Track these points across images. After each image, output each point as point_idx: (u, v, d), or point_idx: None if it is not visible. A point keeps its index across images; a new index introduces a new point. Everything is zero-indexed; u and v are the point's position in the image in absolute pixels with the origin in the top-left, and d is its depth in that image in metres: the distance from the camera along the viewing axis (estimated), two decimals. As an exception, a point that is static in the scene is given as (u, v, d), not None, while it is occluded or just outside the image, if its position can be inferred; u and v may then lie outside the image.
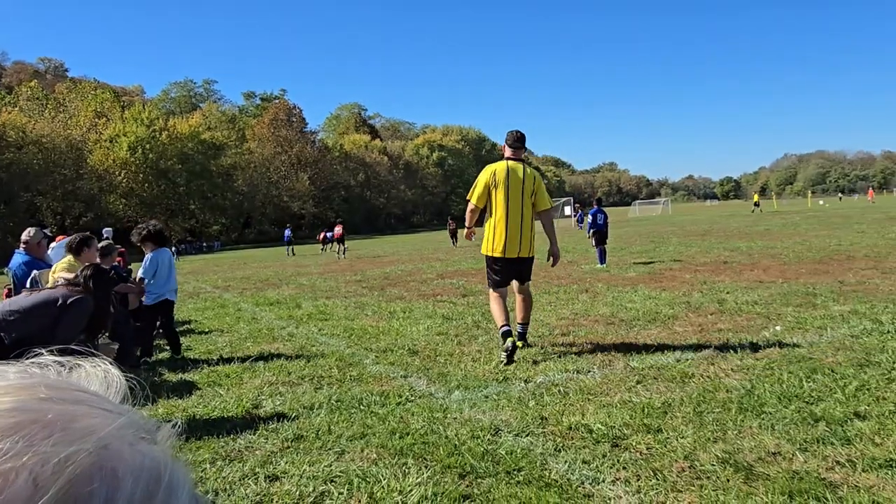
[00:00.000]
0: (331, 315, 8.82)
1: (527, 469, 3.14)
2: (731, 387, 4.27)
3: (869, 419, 3.54)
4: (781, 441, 3.31)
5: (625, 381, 4.59)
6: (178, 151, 66.10)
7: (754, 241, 17.84)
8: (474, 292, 10.38)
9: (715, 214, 52.26)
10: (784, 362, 4.82)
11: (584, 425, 3.68)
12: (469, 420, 3.92)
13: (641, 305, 7.90)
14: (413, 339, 6.61)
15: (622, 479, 2.98)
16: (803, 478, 2.87)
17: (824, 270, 10.42)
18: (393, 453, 3.46)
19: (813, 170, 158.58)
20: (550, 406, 4.09)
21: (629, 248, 18.48)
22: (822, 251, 13.90)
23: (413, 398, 4.48)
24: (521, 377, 4.86)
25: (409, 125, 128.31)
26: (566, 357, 5.42)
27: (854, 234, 18.69)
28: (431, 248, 28.40)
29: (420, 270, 15.70)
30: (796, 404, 3.84)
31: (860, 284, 8.62)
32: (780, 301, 7.63)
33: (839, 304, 7.22)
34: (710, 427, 3.56)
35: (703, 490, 2.82)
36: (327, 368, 5.53)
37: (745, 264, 12.09)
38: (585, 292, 9.53)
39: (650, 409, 3.90)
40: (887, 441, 3.22)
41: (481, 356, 5.65)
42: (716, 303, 7.78)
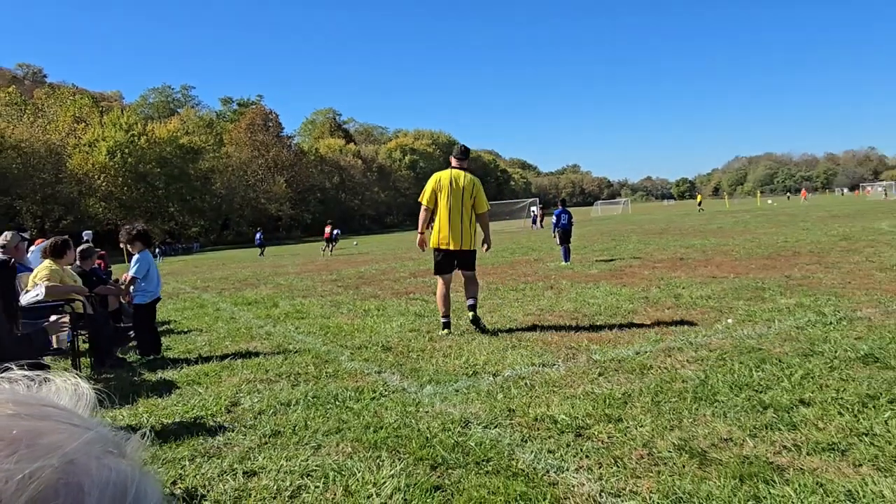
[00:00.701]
0: (307, 313, 8.74)
1: (495, 459, 3.15)
2: (687, 377, 4.34)
3: (813, 405, 3.63)
4: (733, 428, 3.37)
5: (588, 373, 4.63)
6: (157, 155, 64.85)
7: (708, 239, 18.17)
8: (445, 290, 10.37)
9: (671, 214, 53.09)
10: (735, 353, 4.91)
11: (550, 416, 3.71)
12: (440, 413, 3.92)
13: (603, 301, 7.99)
14: (387, 336, 6.58)
15: (585, 466, 3.01)
16: (753, 462, 2.92)
17: (772, 266, 10.66)
18: (367, 447, 3.44)
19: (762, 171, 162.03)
20: (517, 398, 4.11)
21: (592, 247, 18.68)
22: (770, 247, 14.22)
23: (387, 393, 4.46)
24: (490, 371, 4.88)
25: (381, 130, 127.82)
26: (532, 351, 5.45)
27: (799, 231, 19.15)
28: (404, 247, 28.33)
29: (393, 269, 15.66)
30: (746, 393, 3.92)
31: (805, 279, 8.84)
32: (732, 295, 7.78)
33: (786, 297, 7.39)
34: (667, 416, 3.61)
35: (661, 476, 2.86)
36: (304, 366, 5.48)
37: (700, 261, 12.31)
38: (551, 289, 9.60)
39: (611, 399, 3.95)
40: (829, 426, 3.31)
41: (452, 351, 5.65)
42: (672, 297, 7.90)
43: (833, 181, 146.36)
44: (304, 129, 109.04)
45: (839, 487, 2.63)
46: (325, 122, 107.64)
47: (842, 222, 22.86)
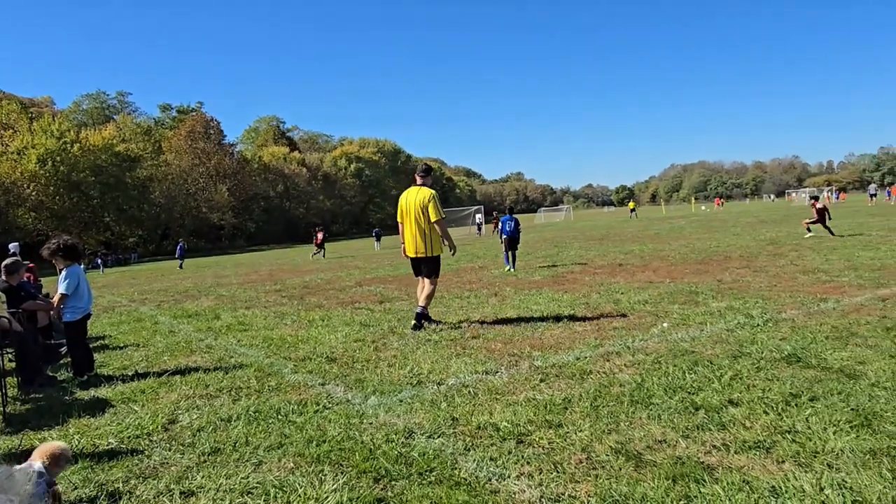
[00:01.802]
0: (250, 325, 8.55)
1: (438, 469, 3.15)
2: (624, 381, 4.45)
3: (741, 405, 3.78)
4: (667, 429, 3.48)
5: (530, 379, 4.70)
6: (91, 164, 62.27)
7: (646, 245, 18.73)
8: (391, 298, 10.34)
9: (612, 220, 54.47)
10: (670, 356, 5.07)
11: (492, 424, 3.74)
12: (384, 424, 3.90)
13: (545, 307, 8.12)
14: (331, 347, 6.50)
15: (526, 473, 3.05)
16: (685, 462, 3.03)
17: (705, 270, 11.07)
18: (310, 461, 3.38)
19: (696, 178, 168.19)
20: (461, 407, 4.13)
21: (535, 253, 18.96)
22: (703, 252, 14.77)
23: (330, 405, 4.40)
24: (435, 380, 4.88)
25: (326, 138, 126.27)
26: (476, 359, 5.49)
27: (730, 237, 19.97)
28: (350, 255, 28.09)
29: (339, 278, 15.49)
30: (680, 395, 4.05)
31: (735, 282, 9.21)
32: (668, 300, 8.04)
33: (717, 300, 7.68)
34: (605, 420, 3.70)
35: (598, 479, 2.92)
36: (246, 379, 5.35)
37: (638, 266, 12.67)
38: (495, 296, 9.69)
39: (552, 405, 4.01)
40: (756, 425, 3.46)
41: (397, 361, 5.63)
42: (612, 303, 8.10)
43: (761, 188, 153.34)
44: (246, 136, 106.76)
45: (764, 484, 2.75)
46: (268, 129, 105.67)
47: (769, 227, 23.96)
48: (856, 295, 7.40)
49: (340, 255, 30.46)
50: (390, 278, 14.35)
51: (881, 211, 33.86)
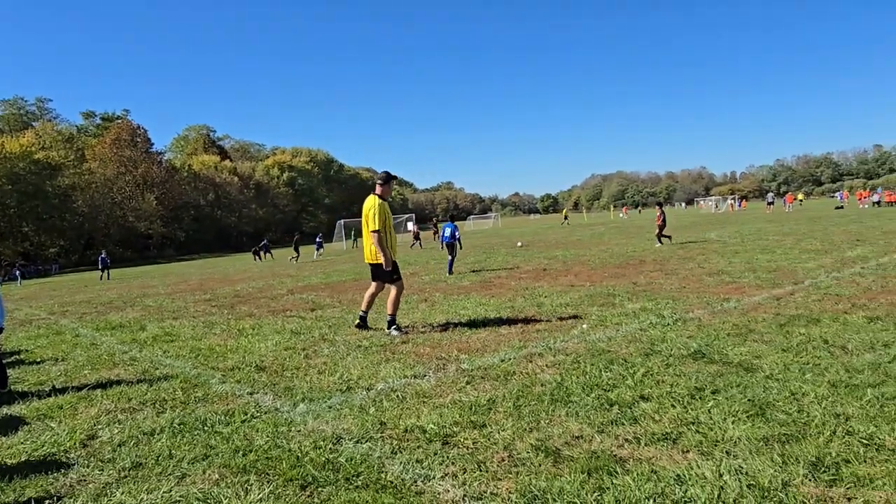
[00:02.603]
0: (177, 336, 8.20)
1: (365, 474, 3.12)
2: (546, 381, 4.55)
3: (651, 400, 3.94)
4: (584, 426, 3.58)
5: (456, 382, 4.72)
6: (8, 171, 58.24)
7: (568, 250, 19.24)
8: (323, 306, 10.17)
9: (537, 227, 55.68)
10: (588, 356, 5.22)
11: (419, 427, 3.74)
12: (313, 431, 3.82)
13: (473, 312, 8.20)
14: (261, 356, 6.32)
15: (450, 473, 3.06)
16: (599, 456, 3.12)
17: (622, 274, 11.48)
18: (236, 472, 3.27)
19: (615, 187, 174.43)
20: (389, 411, 4.11)
21: (464, 260, 19.12)
22: (620, 257, 15.32)
23: (258, 414, 4.28)
24: (364, 385, 4.83)
25: (258, 146, 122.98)
26: (405, 363, 5.47)
27: (645, 242, 20.80)
28: (283, 263, 27.46)
29: (271, 287, 15.11)
30: (596, 392, 4.18)
31: (649, 285, 9.60)
32: (588, 302, 8.28)
33: (632, 302, 7.98)
34: (527, 419, 3.77)
35: (519, 476, 2.97)
36: (171, 391, 5.12)
37: (561, 271, 13.00)
38: (425, 301, 9.70)
39: (477, 406, 4.05)
40: (664, 418, 3.61)
41: (327, 368, 5.54)
42: (535, 306, 8.27)
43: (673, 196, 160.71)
44: (175, 145, 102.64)
45: (670, 473, 2.87)
46: (198, 138, 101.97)
47: (680, 233, 25.11)
48: (754, 295, 7.86)
49: (279, 262, 29.71)
50: (322, 286, 14.12)
51: (777, 217, 36.15)
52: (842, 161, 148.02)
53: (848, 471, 2.76)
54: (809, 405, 3.61)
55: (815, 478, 2.72)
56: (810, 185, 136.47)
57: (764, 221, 31.64)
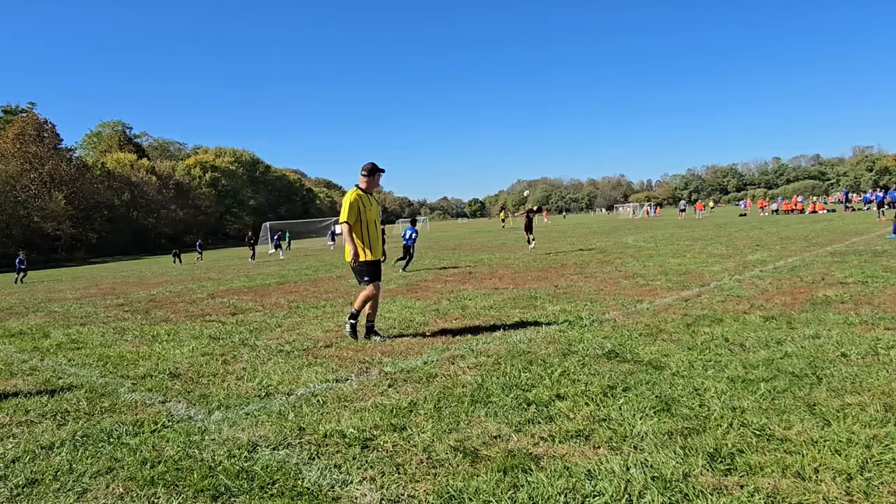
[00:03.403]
0: (84, 343, 7.71)
1: (281, 481, 3.04)
2: (467, 382, 4.59)
3: (567, 399, 4.05)
4: (502, 425, 3.63)
5: (378, 385, 4.69)
6: None
7: (494, 254, 19.55)
8: (245, 310, 9.86)
9: (465, 231, 56.23)
10: (509, 357, 5.31)
11: (339, 431, 3.68)
12: (228, 439, 3.69)
13: (398, 314, 8.17)
14: (176, 362, 6.05)
15: (369, 477, 3.03)
16: (515, 455, 3.17)
17: (544, 277, 11.77)
18: (142, 484, 3.11)
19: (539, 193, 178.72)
20: (309, 416, 4.02)
21: (389, 263, 19.04)
22: (543, 261, 15.71)
23: (170, 424, 4.08)
24: (284, 391, 4.71)
25: (179, 145, 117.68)
26: (328, 367, 5.38)
27: (567, 245, 21.43)
28: (204, 266, 26.43)
29: (190, 291, 14.50)
30: (515, 392, 4.25)
31: (569, 287, 9.88)
32: (511, 305, 8.43)
33: (553, 304, 8.19)
34: (447, 420, 3.78)
35: (437, 477, 2.98)
36: (75, 402, 4.81)
37: (486, 274, 13.18)
38: (350, 305, 9.58)
39: (398, 409, 4.03)
40: (578, 415, 3.72)
41: (246, 374, 5.36)
42: (460, 309, 8.34)
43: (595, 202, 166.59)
44: (87, 141, 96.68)
45: (581, 469, 2.95)
46: (113, 134, 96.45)
47: (599, 238, 26.05)
48: (665, 296, 8.25)
49: (191, 267, 28.53)
50: (245, 290, 13.69)
51: (688, 224, 38.14)
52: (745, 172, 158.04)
53: (742, 460, 2.93)
54: (710, 400, 3.82)
55: (713, 468, 2.88)
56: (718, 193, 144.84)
57: (676, 227, 33.30)
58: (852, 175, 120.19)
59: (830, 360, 4.58)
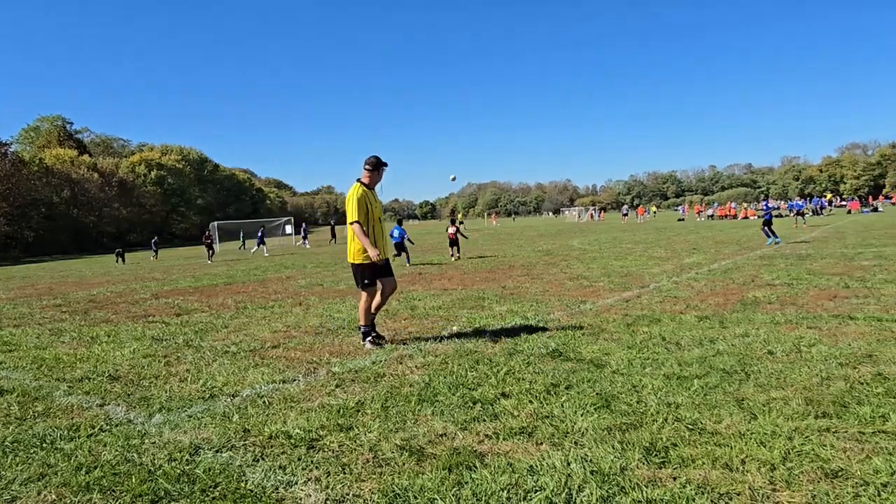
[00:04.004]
0: (17, 345, 7.31)
1: (223, 484, 2.96)
2: (414, 382, 4.58)
3: (511, 397, 4.09)
4: (448, 424, 3.64)
5: (326, 385, 4.63)
6: None
7: (443, 256, 19.59)
8: (190, 311, 9.56)
9: (415, 232, 56.17)
10: (456, 356, 5.33)
11: (284, 432, 3.61)
12: (168, 443, 3.56)
13: (347, 315, 8.09)
14: (115, 365, 5.81)
15: (314, 478, 2.98)
16: (461, 452, 3.19)
17: (493, 278, 11.88)
18: (76, 491, 2.97)
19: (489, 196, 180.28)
20: (254, 418, 3.93)
21: (342, 263, 18.85)
22: (492, 262, 15.85)
23: (108, 427, 3.91)
24: (229, 392, 4.59)
25: (123, 142, 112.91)
26: (274, 368, 5.28)
27: (515, 248, 21.70)
28: (149, 267, 25.50)
29: (133, 291, 13.95)
30: (462, 391, 4.27)
31: (516, 288, 10.00)
32: (459, 305, 8.47)
33: (500, 305, 8.27)
34: (394, 419, 3.77)
35: (383, 476, 2.96)
36: (5, 407, 4.55)
37: (435, 275, 13.20)
38: (299, 305, 9.43)
39: (345, 409, 3.99)
40: (522, 413, 3.76)
41: (189, 375, 5.20)
42: (409, 309, 8.32)
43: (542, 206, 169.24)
44: (24, 136, 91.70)
45: (524, 465, 2.99)
46: (52, 129, 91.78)
47: (546, 240, 26.49)
48: (607, 297, 8.45)
49: (135, 266, 27.48)
50: (191, 290, 13.27)
51: (631, 228, 39.23)
52: (684, 178, 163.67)
53: (675, 453, 3.03)
54: (647, 396, 3.93)
55: (648, 461, 2.96)
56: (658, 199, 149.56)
57: (619, 231, 34.20)
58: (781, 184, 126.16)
59: (758, 357, 4.79)
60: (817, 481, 2.69)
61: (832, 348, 4.93)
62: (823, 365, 4.46)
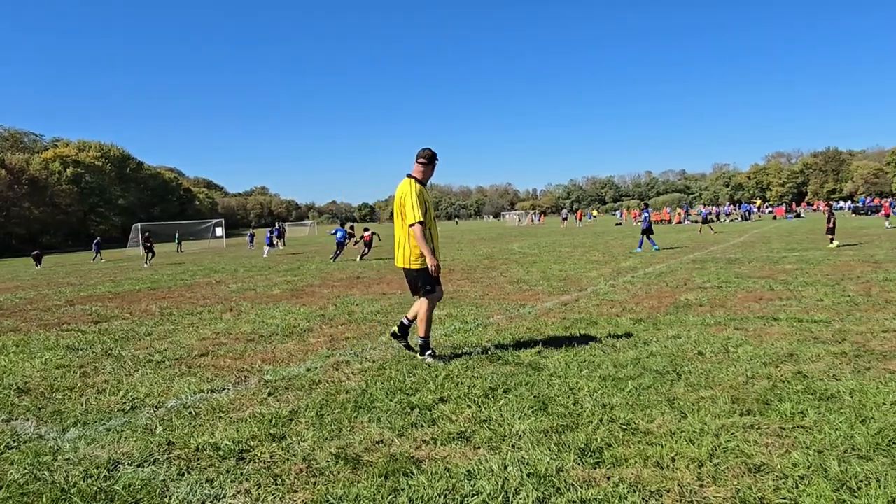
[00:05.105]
0: (-89, 357, 6.78)
1: (145, 500, 2.85)
2: (351, 388, 4.55)
3: (450, 402, 4.13)
4: (385, 430, 3.63)
5: (258, 394, 4.53)
6: None
7: (382, 259, 19.52)
8: (109, 318, 9.13)
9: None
10: (394, 362, 5.33)
11: (212, 444, 3.51)
12: (84, 458, 3.40)
13: (282, 321, 7.94)
14: (25, 377, 5.48)
15: (244, 490, 2.91)
16: (397, 459, 3.19)
17: (432, 282, 11.91)
18: (-21, 513, 2.79)
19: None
20: (179, 429, 3.80)
21: (276, 268, 18.47)
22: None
23: (15, 444, 3.69)
24: (152, 404, 4.42)
25: (35, 137, 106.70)
26: (202, 377, 5.11)
27: (455, 251, 21.85)
28: (63, 272, 24.17)
29: (45, 297, 13.20)
30: (399, 397, 4.27)
31: (456, 292, 10.08)
32: (398, 310, 8.46)
33: (440, 309, 8.31)
34: (329, 427, 3.73)
35: (317, 486, 2.92)
36: None
37: (374, 279, 13.13)
38: (230, 311, 9.18)
39: (278, 418, 3.92)
40: (460, 417, 3.80)
41: (108, 387, 4.97)
42: (346, 314, 8.24)
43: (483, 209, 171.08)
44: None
45: (461, 469, 3.02)
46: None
47: (486, 244, 26.81)
48: (546, 301, 8.64)
49: (48, 271, 25.98)
50: (111, 296, 12.67)
51: (570, 231, 40.22)
52: (621, 183, 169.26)
53: (609, 453, 3.14)
54: (583, 398, 4.05)
55: (583, 462, 3.05)
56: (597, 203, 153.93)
57: (559, 235, 35.02)
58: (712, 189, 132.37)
59: (689, 358, 5.01)
60: (741, 476, 2.85)
61: (757, 348, 5.23)
62: (749, 364, 4.72)
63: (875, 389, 3.96)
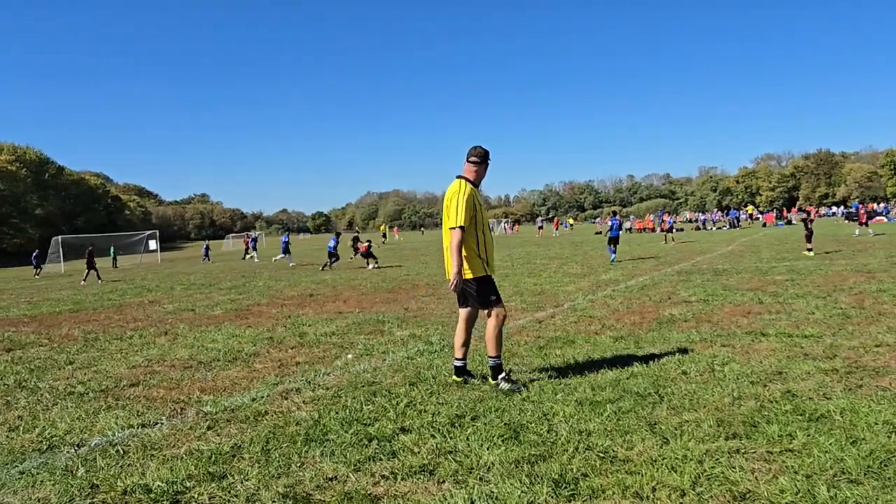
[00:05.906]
0: None
1: (64, 551, 2.78)
2: (301, 419, 4.51)
3: (412, 432, 4.13)
4: (339, 465, 3.62)
5: (195, 428, 4.46)
6: None
7: (339, 274, 19.42)
8: (24, 345, 8.87)
9: (307, 248, 55.21)
10: (350, 389, 5.31)
11: (143, 486, 3.44)
12: (-7, 506, 3.30)
13: (224, 345, 7.83)
14: (-77, 414, 5.29)
15: (178, 537, 2.87)
16: (353, 497, 3.18)
17: (394, 299, 11.91)
18: None
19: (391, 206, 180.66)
20: (105, 470, 3.72)
21: (218, 285, 18.21)
22: (394, 281, 15.90)
23: (-88, 492, 3.56)
24: (72, 442, 4.31)
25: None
26: (131, 411, 5.01)
27: (420, 265, 21.88)
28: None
29: (-51, 322, 12.74)
30: (356, 427, 4.26)
31: (420, 310, 10.10)
32: (355, 330, 8.43)
33: (402, 329, 8.32)
34: (276, 463, 3.69)
35: (262, 530, 2.90)
36: None
37: (329, 296, 13.06)
38: (165, 335, 9.01)
39: (218, 455, 3.86)
40: (423, 449, 3.81)
41: (22, 423, 4.83)
42: (297, 336, 8.18)
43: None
44: None
45: (424, 506, 3.03)
46: None
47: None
48: (519, 318, 8.72)
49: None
50: (26, 319, 12.32)
51: (546, 241, 40.67)
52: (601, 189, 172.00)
53: (585, 484, 3.19)
54: (558, 424, 4.10)
55: (557, 494, 3.09)
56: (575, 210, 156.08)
57: (533, 245, 35.36)
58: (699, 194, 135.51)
59: (672, 378, 5.12)
60: (726, 505, 2.92)
61: (744, 366, 5.37)
62: (735, 384, 4.85)
63: (867, 408, 4.11)
